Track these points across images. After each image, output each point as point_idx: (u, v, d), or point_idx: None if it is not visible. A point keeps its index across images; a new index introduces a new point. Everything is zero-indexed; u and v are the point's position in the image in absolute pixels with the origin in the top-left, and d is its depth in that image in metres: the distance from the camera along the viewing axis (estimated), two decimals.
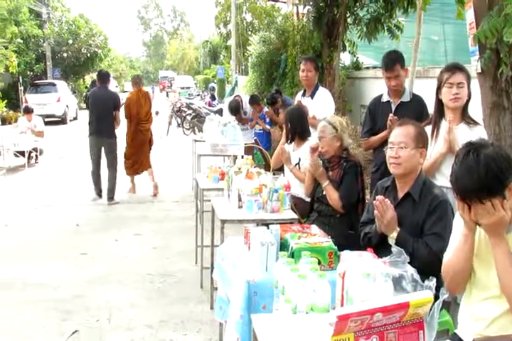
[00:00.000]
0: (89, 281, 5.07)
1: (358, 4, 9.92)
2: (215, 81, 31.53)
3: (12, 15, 25.30)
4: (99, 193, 8.37)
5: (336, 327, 1.83)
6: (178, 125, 17.55)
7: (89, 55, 32.96)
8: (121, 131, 8.57)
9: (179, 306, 4.50)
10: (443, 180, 3.51)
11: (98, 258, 5.71)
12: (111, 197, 8.23)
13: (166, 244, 6.18)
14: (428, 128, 3.65)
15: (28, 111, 11.62)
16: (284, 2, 19.82)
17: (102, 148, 8.22)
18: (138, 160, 8.71)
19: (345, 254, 2.44)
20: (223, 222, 3.91)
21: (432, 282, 2.02)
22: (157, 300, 4.62)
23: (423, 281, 2.07)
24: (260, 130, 8.59)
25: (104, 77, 8.49)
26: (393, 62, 4.51)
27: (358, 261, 2.31)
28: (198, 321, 4.22)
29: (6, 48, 23.32)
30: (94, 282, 5.05)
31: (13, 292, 4.82)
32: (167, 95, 40.96)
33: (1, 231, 6.77)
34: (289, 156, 4.79)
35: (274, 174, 4.31)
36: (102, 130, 8.14)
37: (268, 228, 3.28)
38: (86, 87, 37.22)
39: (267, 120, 8.58)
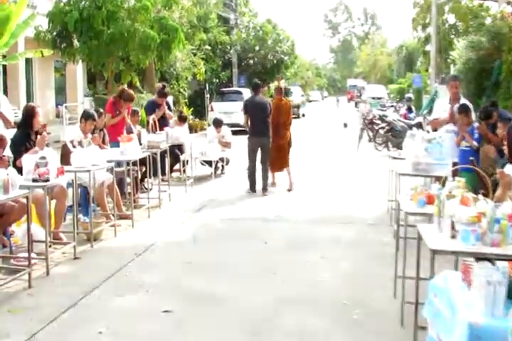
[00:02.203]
0: (280, 303, 5.22)
1: None
2: (411, 91, 30.96)
3: (201, 22, 27.16)
4: (253, 187, 10.33)
5: None
6: (370, 139, 17.50)
7: (275, 61, 34.20)
8: None
9: None
10: None
11: (288, 280, 5.87)
12: (265, 188, 10.33)
13: (359, 270, 6.17)
14: None
15: (219, 124, 12.66)
16: (495, 0, 18.91)
17: (259, 147, 10.33)
18: (279, 159, 10.66)
19: None
20: (434, 252, 3.80)
21: None
22: (353, 332, 4.63)
23: None
24: (467, 147, 8.22)
25: (257, 87, 10.71)
26: None
27: None
28: None
29: (195, 55, 25.06)
30: (284, 304, 5.20)
31: (204, 306, 5.15)
32: (356, 106, 41.17)
33: (191, 244, 7.26)
34: (510, 180, 4.54)
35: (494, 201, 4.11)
36: (259, 131, 10.27)
37: (493, 264, 3.14)
38: (271, 96, 38.50)
39: (475, 136, 8.18)
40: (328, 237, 7.52)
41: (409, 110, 18.96)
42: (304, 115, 36.91)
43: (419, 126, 14.16)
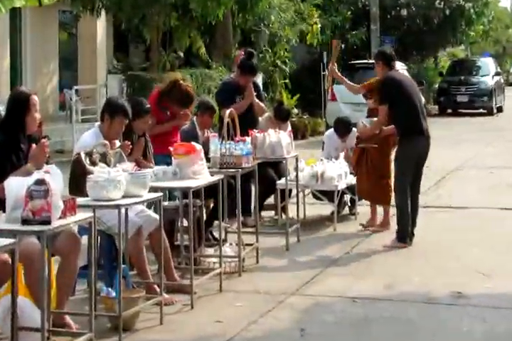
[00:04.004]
0: None
1: None
2: None
3: None
4: (405, 235, 10.49)
5: None
6: None
7: (447, 12, 33.85)
8: None
9: None
10: None
11: None
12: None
13: None
14: None
15: (345, 127, 12.74)
16: None
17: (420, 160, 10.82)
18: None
19: None
20: None
21: None
22: None
23: None
24: None
25: (391, 58, 11.05)
26: None
27: None
28: None
29: (303, 1, 25.05)
30: None
31: None
32: None
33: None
34: None
35: None
36: (422, 129, 10.63)
37: None
38: (441, 74, 37.75)
39: None
40: None
41: None
42: (500, 109, 36.23)
43: None
